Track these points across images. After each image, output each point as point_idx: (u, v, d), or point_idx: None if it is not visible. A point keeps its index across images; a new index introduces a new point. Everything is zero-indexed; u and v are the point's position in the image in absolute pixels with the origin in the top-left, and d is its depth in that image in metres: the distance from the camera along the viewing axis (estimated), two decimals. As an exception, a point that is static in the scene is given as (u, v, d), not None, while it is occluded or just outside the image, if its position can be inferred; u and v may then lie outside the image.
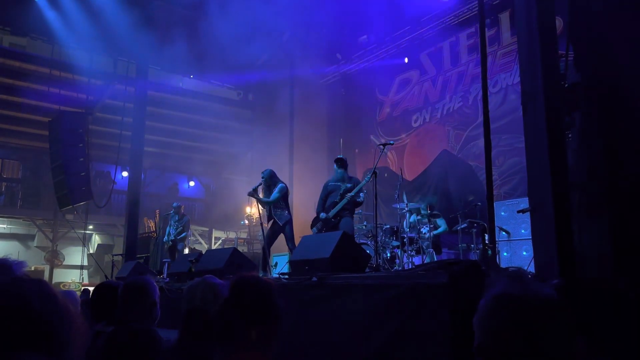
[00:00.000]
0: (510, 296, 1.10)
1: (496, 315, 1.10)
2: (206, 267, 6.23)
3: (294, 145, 13.44)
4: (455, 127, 10.88)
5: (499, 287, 1.13)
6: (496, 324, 1.09)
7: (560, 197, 3.32)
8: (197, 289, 2.22)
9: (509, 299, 1.10)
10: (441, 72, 11.43)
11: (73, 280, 18.16)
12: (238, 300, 1.58)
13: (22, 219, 18.48)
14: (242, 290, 1.61)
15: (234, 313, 1.56)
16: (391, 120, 12.61)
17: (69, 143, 11.09)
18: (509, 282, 1.13)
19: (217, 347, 1.57)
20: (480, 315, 1.13)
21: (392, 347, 3.22)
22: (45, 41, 12.60)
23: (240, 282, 1.64)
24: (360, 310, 3.53)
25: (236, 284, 1.64)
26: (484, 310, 1.13)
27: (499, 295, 1.11)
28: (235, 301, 1.58)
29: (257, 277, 1.67)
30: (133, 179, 10.76)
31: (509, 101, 9.55)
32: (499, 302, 1.11)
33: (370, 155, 12.88)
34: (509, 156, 9.37)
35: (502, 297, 1.11)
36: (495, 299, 1.12)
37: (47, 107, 13.25)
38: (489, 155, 4.12)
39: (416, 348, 3.10)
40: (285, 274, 5.66)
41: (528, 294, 1.09)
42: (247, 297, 1.58)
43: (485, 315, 1.12)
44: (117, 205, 17.37)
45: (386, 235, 8.22)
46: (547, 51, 3.62)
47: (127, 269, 8.17)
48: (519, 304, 1.08)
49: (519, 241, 7.48)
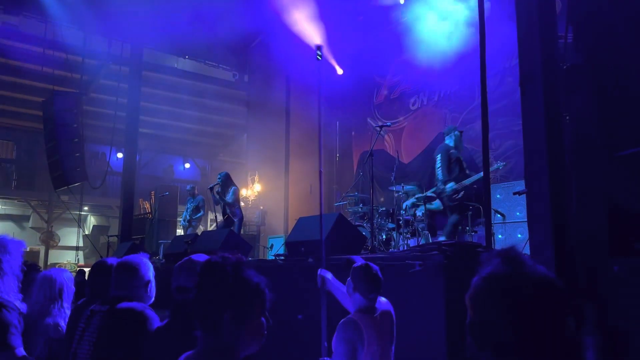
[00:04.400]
0: (502, 275, 1.09)
1: (488, 293, 1.09)
2: (202, 248, 6.24)
3: (290, 127, 13.38)
4: (452, 110, 10.84)
5: (492, 266, 1.12)
6: (487, 302, 1.09)
7: (556, 179, 3.32)
8: (182, 268, 2.22)
9: (501, 277, 1.09)
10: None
11: (68, 262, 18.19)
12: (205, 284, 1.50)
13: (17, 200, 18.43)
14: (207, 273, 1.52)
15: (203, 299, 1.48)
16: (389, 102, 12.55)
17: (63, 123, 11.00)
18: (501, 261, 1.12)
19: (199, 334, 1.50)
20: (472, 293, 1.13)
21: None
22: (38, 20, 12.43)
23: (207, 265, 1.54)
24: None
25: (203, 267, 1.55)
26: (476, 289, 1.12)
27: (491, 274, 1.11)
28: (202, 286, 1.50)
29: (225, 257, 1.54)
30: (128, 160, 10.72)
31: (507, 83, 9.51)
32: (491, 281, 1.10)
33: (367, 137, 12.86)
34: (506, 139, 9.36)
35: (494, 276, 1.10)
36: (486, 278, 1.11)
37: (41, 87, 13.13)
38: (486, 138, 4.11)
39: (410, 328, 3.12)
40: (281, 255, 5.68)
41: (520, 274, 1.08)
42: (213, 281, 1.49)
43: (476, 293, 1.12)
44: (112, 187, 17.32)
45: (382, 218, 8.23)
46: (546, 33, 3.59)
47: (123, 250, 8.16)
48: (511, 283, 1.07)
49: (514, 224, 7.51)
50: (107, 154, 11.98)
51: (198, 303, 1.49)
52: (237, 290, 1.48)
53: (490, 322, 1.07)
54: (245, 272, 1.51)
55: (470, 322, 1.12)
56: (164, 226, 13.28)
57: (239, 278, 1.49)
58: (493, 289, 1.09)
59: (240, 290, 1.48)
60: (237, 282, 1.49)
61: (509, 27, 4.69)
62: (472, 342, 1.10)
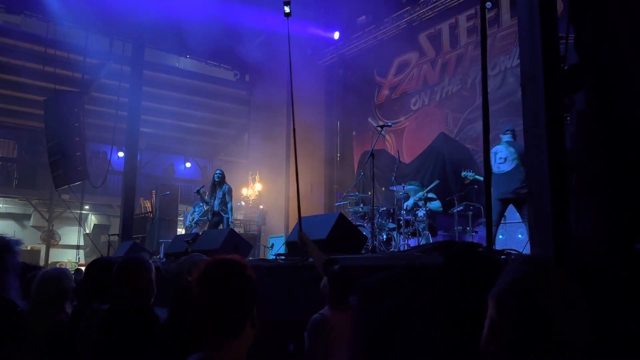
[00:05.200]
0: (530, 279, 1.15)
1: (514, 297, 1.14)
2: (203, 247, 6.24)
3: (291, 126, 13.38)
4: (453, 110, 10.84)
5: (520, 270, 1.18)
6: (513, 306, 1.13)
7: (557, 180, 3.32)
8: (183, 268, 2.22)
9: (529, 282, 1.14)
10: (440, 55, 11.35)
11: (69, 260, 18.20)
12: (209, 284, 1.48)
13: (18, 199, 18.43)
14: (213, 275, 1.49)
15: (208, 300, 1.46)
16: (390, 102, 12.55)
17: (65, 122, 11.02)
18: (529, 265, 1.18)
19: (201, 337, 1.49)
20: (497, 294, 1.18)
21: (387, 326, 3.24)
22: (40, 19, 12.44)
23: (212, 267, 1.52)
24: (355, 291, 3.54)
25: (207, 268, 1.52)
26: (502, 290, 1.17)
27: (518, 279, 1.16)
28: (207, 287, 1.48)
29: (231, 260, 1.53)
30: (129, 159, 10.70)
31: (508, 84, 9.51)
32: (518, 285, 1.15)
33: (368, 137, 12.87)
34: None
35: (522, 280, 1.15)
36: (514, 282, 1.16)
37: (43, 86, 13.13)
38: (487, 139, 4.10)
39: (411, 329, 3.12)
40: (282, 255, 5.68)
41: (548, 280, 1.14)
42: (217, 281, 1.48)
43: (502, 295, 1.17)
44: (113, 186, 17.31)
45: (382, 218, 8.24)
46: (548, 33, 3.58)
47: (124, 249, 8.17)
48: (538, 289, 1.12)
49: (514, 224, 7.51)
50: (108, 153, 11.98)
51: (217, 308, 1.46)
52: (255, 295, 1.52)
53: (514, 324, 1.11)
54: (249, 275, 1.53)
55: (492, 322, 1.16)
56: (164, 225, 13.30)
57: (254, 283, 1.53)
58: (520, 292, 1.13)
59: (255, 295, 1.52)
60: (255, 287, 1.52)
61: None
62: (491, 341, 1.13)
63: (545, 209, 3.30)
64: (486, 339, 1.16)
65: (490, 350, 1.14)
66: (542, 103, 3.43)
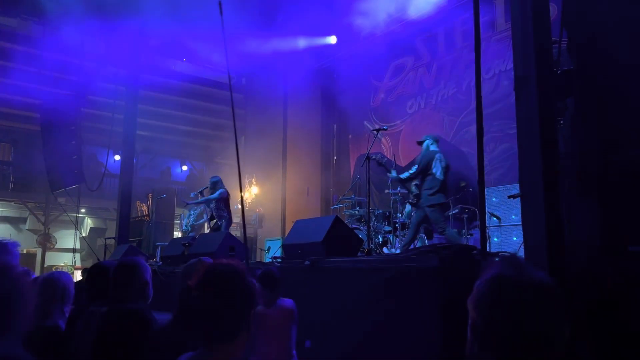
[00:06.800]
0: (505, 278, 1.13)
1: (490, 296, 1.13)
2: (199, 250, 6.26)
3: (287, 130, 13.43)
4: (449, 114, 10.88)
5: (495, 270, 1.17)
6: (490, 304, 1.12)
7: (550, 183, 3.35)
8: (193, 269, 2.24)
9: (504, 281, 1.13)
10: (436, 58, 11.40)
11: (65, 264, 18.13)
12: (210, 289, 1.51)
13: (14, 202, 18.37)
14: (214, 279, 1.53)
15: (206, 304, 1.49)
16: (386, 106, 12.59)
17: (61, 126, 11.01)
18: (504, 265, 1.17)
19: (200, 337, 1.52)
20: (475, 294, 1.17)
21: (382, 328, 3.26)
22: (36, 22, 12.44)
23: (213, 272, 1.55)
24: (351, 293, 3.57)
25: (207, 273, 1.55)
26: (479, 291, 1.16)
27: (494, 277, 1.15)
28: (207, 290, 1.51)
29: (231, 266, 1.56)
30: (125, 162, 10.71)
31: (502, 87, 9.56)
32: (494, 284, 1.14)
33: (364, 141, 12.87)
34: (501, 142, 9.40)
35: (497, 279, 1.14)
36: (490, 281, 1.15)
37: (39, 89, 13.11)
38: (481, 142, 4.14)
39: (406, 329, 3.15)
40: (279, 258, 5.70)
41: (522, 277, 1.12)
42: (218, 286, 1.51)
43: (479, 295, 1.16)
44: (109, 189, 17.27)
45: (378, 221, 8.26)
46: (541, 37, 3.62)
47: (120, 252, 8.17)
48: (513, 287, 1.11)
49: (509, 227, 7.55)
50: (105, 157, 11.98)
51: (215, 312, 1.49)
52: (252, 301, 1.56)
53: (492, 322, 1.11)
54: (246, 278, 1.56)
55: (473, 323, 1.16)
56: (161, 228, 13.26)
57: (252, 289, 1.57)
58: (495, 290, 1.13)
59: (252, 301, 1.56)
60: (253, 294, 1.56)
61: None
62: (473, 342, 1.14)
63: (539, 212, 3.34)
64: (470, 342, 1.16)
65: (474, 352, 1.14)
66: (535, 106, 3.47)
